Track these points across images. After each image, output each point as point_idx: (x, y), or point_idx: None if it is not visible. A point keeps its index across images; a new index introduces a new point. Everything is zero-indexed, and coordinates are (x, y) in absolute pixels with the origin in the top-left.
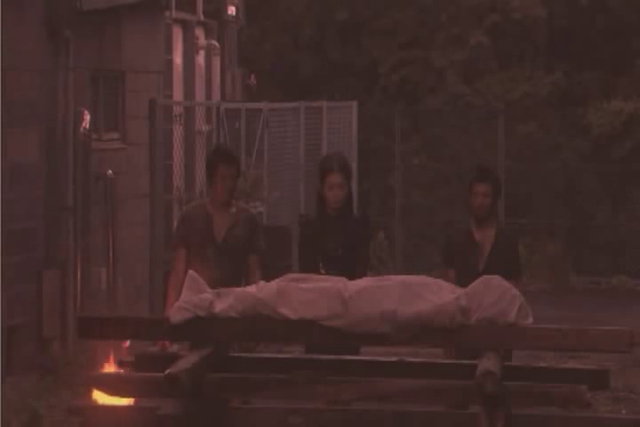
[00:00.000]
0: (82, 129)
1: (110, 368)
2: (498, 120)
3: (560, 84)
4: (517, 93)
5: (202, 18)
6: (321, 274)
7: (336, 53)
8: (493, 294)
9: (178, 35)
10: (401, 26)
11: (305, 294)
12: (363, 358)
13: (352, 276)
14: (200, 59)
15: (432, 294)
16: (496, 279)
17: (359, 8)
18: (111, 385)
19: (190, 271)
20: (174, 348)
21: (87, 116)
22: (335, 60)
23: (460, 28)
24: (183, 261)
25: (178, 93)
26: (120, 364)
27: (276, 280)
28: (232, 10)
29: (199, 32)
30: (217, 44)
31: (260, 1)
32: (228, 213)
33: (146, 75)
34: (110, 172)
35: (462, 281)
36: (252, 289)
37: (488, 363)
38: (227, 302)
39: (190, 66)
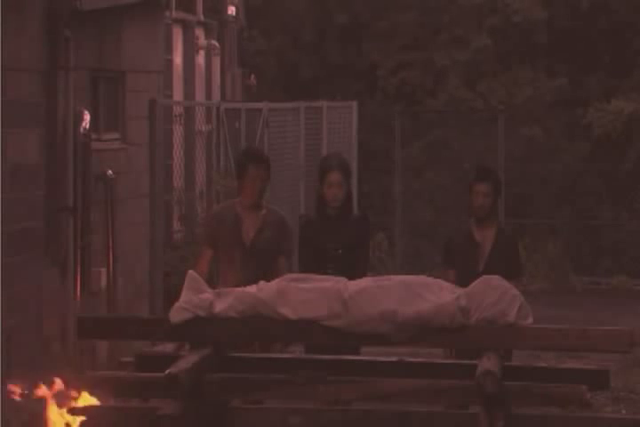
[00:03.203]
0: (82, 129)
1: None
2: (498, 121)
3: (564, 89)
4: (521, 98)
5: (202, 18)
6: (321, 274)
7: (336, 56)
8: (493, 294)
9: (178, 35)
10: (401, 28)
11: (305, 294)
12: (363, 358)
13: (352, 276)
14: (200, 59)
15: (432, 294)
16: (496, 279)
17: (359, 10)
18: (111, 385)
19: (190, 271)
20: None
21: (87, 117)
22: (335, 63)
23: (462, 30)
24: (207, 262)
25: (178, 93)
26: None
27: (276, 280)
28: (232, 10)
29: (199, 32)
30: (217, 44)
31: (261, 3)
32: (257, 215)
33: (146, 75)
34: (110, 172)
35: (462, 281)
36: (252, 289)
37: (488, 363)
38: (227, 302)
39: (190, 66)
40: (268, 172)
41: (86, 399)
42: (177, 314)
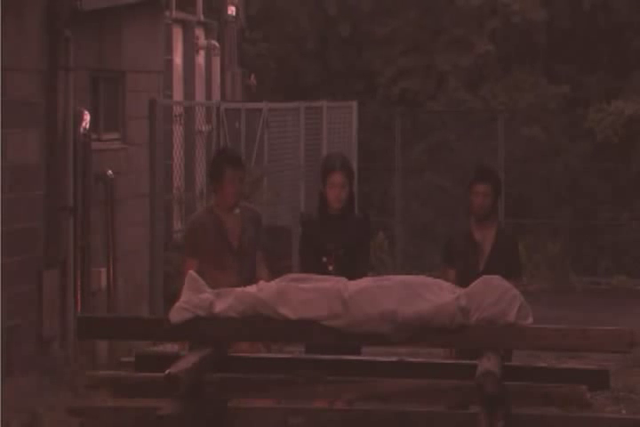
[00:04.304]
0: (82, 129)
1: None
2: (498, 121)
3: (566, 96)
4: (523, 104)
5: (202, 18)
6: (321, 274)
7: (337, 62)
8: (493, 294)
9: (178, 35)
10: (401, 31)
11: (305, 294)
12: (363, 358)
13: (352, 276)
14: (200, 59)
15: (432, 294)
16: (496, 279)
17: (361, 16)
18: (111, 385)
19: (190, 271)
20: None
21: (87, 117)
22: (336, 69)
23: (462, 30)
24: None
25: (178, 93)
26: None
27: (276, 280)
28: (232, 10)
29: (199, 32)
30: (217, 44)
31: (262, 11)
32: (235, 215)
33: (146, 75)
34: (110, 172)
35: (462, 281)
36: (252, 289)
37: (488, 363)
38: (227, 302)
39: (190, 66)
40: (244, 172)
41: None
42: (177, 314)
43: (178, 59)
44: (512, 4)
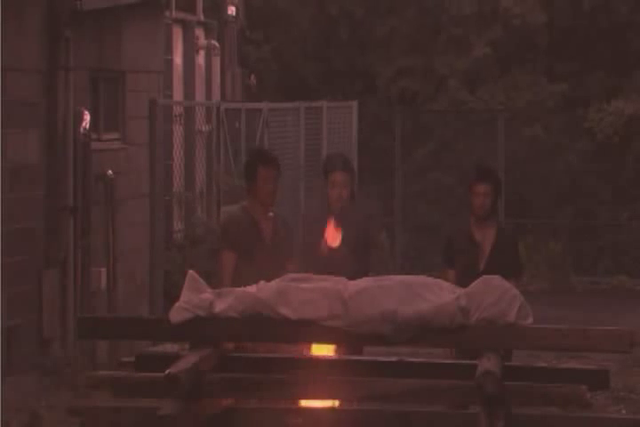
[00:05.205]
0: (82, 129)
1: None
2: (498, 121)
3: (565, 94)
4: (522, 102)
5: (202, 18)
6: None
7: (339, 65)
8: (493, 295)
9: (178, 35)
10: (400, 32)
11: (305, 293)
12: (363, 358)
13: (354, 275)
14: (200, 59)
15: (432, 294)
16: (496, 279)
17: (361, 18)
18: (111, 385)
19: (190, 271)
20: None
21: (87, 116)
22: (338, 70)
23: (462, 30)
24: (233, 266)
25: (178, 93)
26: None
27: (276, 280)
28: (232, 10)
29: (199, 32)
30: (217, 44)
31: (265, 13)
32: (269, 217)
33: (146, 75)
34: (110, 172)
35: (462, 281)
36: (252, 289)
37: (488, 363)
38: (227, 302)
39: (190, 66)
40: (279, 172)
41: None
42: (177, 314)
43: (178, 59)
44: (512, 7)
